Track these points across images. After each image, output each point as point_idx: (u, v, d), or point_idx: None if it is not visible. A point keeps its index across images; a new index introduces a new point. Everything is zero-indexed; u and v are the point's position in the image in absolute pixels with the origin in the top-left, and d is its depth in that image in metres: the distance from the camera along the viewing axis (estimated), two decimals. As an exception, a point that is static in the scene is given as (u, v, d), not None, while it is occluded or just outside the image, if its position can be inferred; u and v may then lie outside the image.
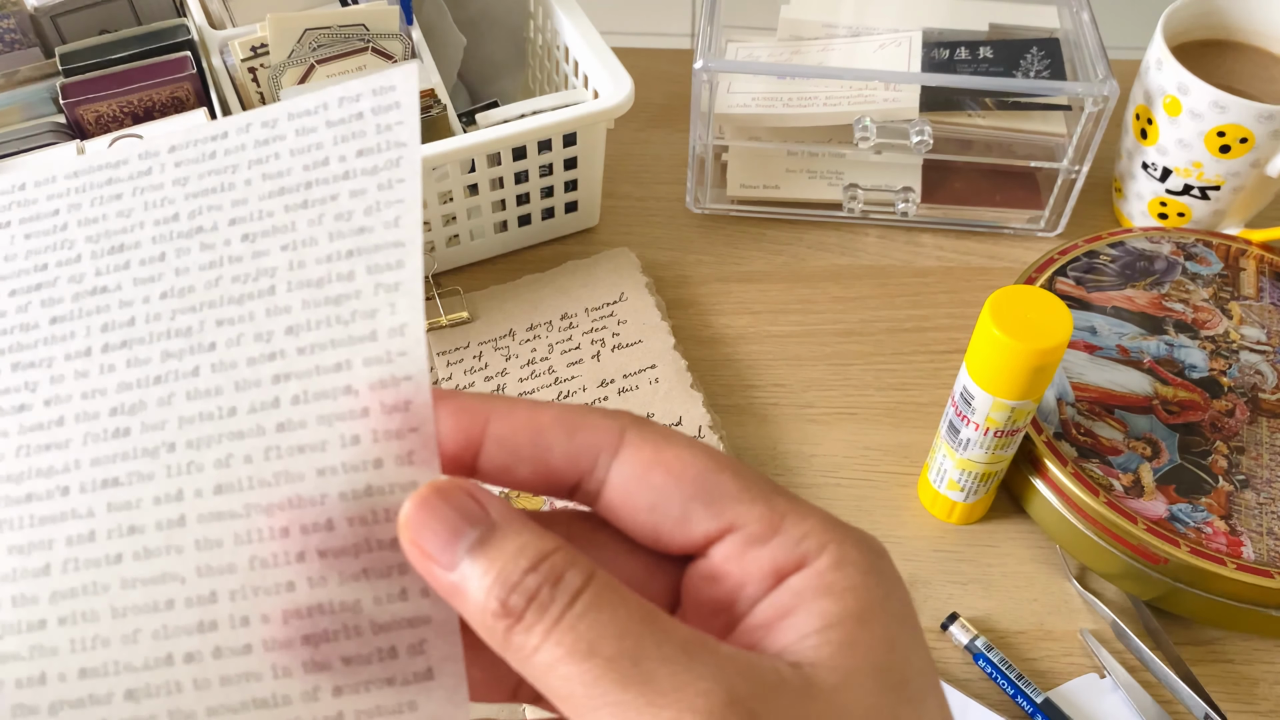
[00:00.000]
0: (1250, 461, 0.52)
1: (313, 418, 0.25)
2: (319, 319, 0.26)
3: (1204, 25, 0.67)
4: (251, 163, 0.28)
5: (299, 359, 0.25)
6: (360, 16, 0.64)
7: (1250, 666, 0.50)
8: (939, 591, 0.53)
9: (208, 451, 0.25)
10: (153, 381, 0.26)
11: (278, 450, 0.25)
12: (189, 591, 0.24)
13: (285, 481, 0.24)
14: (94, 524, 0.25)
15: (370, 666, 0.24)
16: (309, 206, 0.27)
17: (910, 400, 0.61)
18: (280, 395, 0.25)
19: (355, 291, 0.26)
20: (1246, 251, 0.62)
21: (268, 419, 0.25)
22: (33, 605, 0.25)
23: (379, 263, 0.26)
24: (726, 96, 0.68)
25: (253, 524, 0.24)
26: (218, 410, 0.25)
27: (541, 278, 0.67)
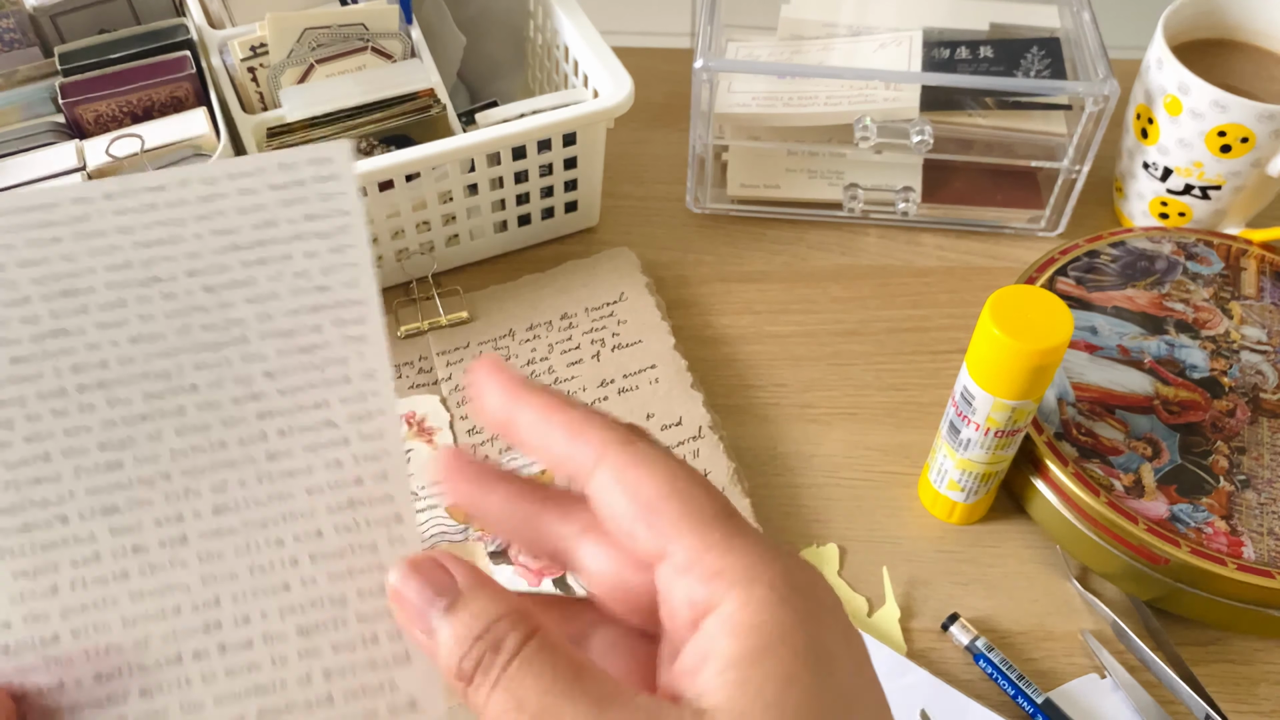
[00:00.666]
0: (1251, 462, 0.52)
1: (299, 447, 0.29)
2: (294, 365, 0.29)
3: (1204, 25, 0.67)
4: (198, 218, 0.30)
5: (281, 399, 0.29)
6: (359, 16, 0.64)
7: (1250, 666, 0.50)
8: (939, 591, 0.53)
9: (203, 479, 0.28)
10: (139, 419, 0.29)
11: (269, 475, 0.28)
12: (194, 599, 0.27)
13: (277, 500, 0.28)
14: (98, 547, 0.27)
15: (355, 652, 0.27)
16: (266, 264, 0.30)
17: (911, 400, 0.61)
18: (266, 430, 0.28)
19: (325, 342, 0.29)
20: (1247, 251, 0.62)
21: (257, 450, 0.28)
22: (44, 622, 0.27)
23: (343, 318, 0.30)
24: (727, 96, 0.68)
25: (250, 537, 0.28)
26: (208, 444, 0.28)
27: (541, 278, 0.67)
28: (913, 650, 0.51)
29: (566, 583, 0.52)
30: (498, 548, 0.53)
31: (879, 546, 0.55)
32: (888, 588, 0.53)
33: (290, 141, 0.60)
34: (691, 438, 0.57)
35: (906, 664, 0.49)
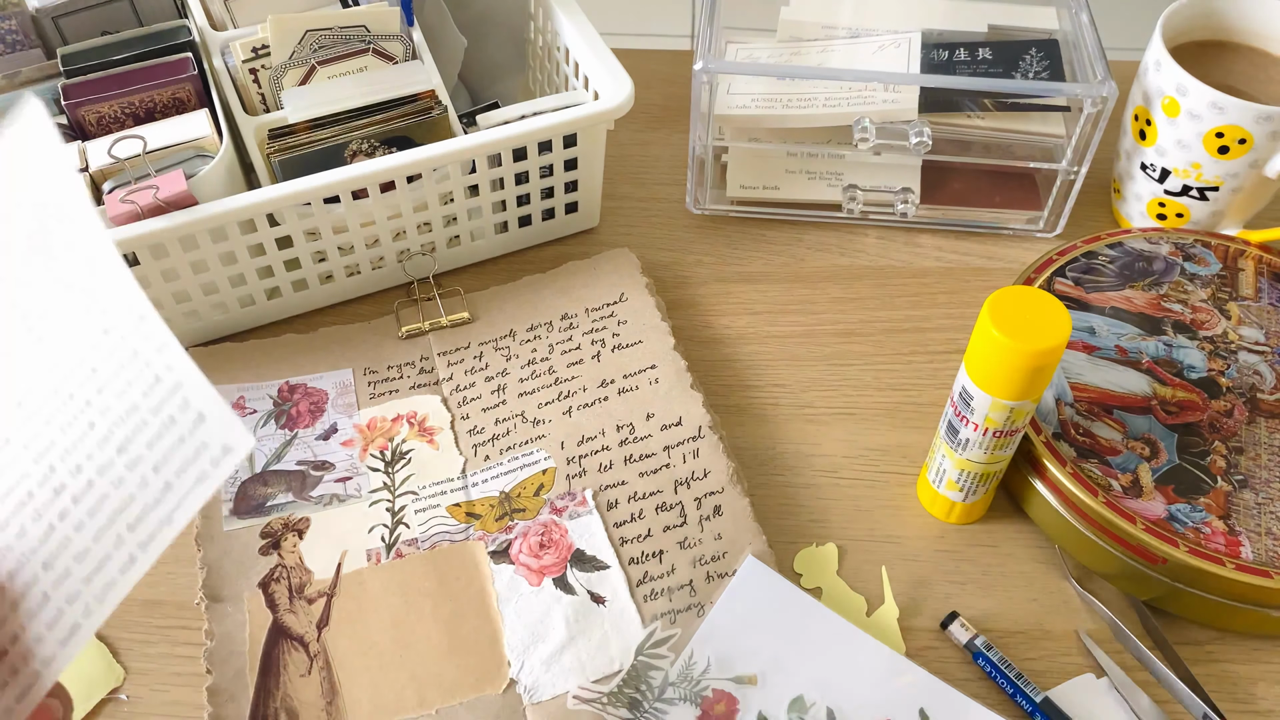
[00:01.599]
0: (1249, 462, 0.52)
1: (56, 316, 0.33)
2: (35, 269, 0.34)
3: (1203, 26, 0.67)
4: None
5: (30, 293, 0.34)
6: (361, 18, 0.64)
7: (1249, 666, 0.51)
8: (938, 591, 0.53)
9: (4, 394, 0.34)
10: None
11: (44, 355, 0.33)
12: (35, 478, 0.33)
13: (56, 368, 0.33)
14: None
15: (164, 439, 0.32)
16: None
17: (909, 400, 0.61)
18: (31, 324, 0.34)
19: (56, 244, 0.34)
20: (1245, 252, 0.62)
21: (29, 341, 0.34)
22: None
23: (60, 206, 0.34)
24: (726, 97, 0.68)
25: (48, 408, 0.33)
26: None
27: (542, 278, 0.67)
28: (911, 649, 0.51)
29: (567, 582, 0.52)
30: (498, 547, 0.53)
31: (878, 546, 0.55)
32: (886, 587, 0.53)
33: (292, 143, 0.60)
34: (691, 438, 0.57)
35: (905, 663, 0.49)
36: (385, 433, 0.59)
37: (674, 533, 0.54)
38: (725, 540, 0.53)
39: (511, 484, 0.56)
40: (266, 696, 0.49)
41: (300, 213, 0.60)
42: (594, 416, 0.59)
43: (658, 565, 0.53)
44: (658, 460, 0.57)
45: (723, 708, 0.48)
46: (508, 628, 0.50)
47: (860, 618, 0.52)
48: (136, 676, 0.50)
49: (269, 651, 0.50)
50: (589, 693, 0.48)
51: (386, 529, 0.54)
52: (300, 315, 0.66)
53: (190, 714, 0.49)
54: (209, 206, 0.56)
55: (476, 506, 0.55)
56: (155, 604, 0.52)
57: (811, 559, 0.54)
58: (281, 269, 0.62)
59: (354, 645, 0.50)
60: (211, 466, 0.31)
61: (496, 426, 0.59)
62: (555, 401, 0.60)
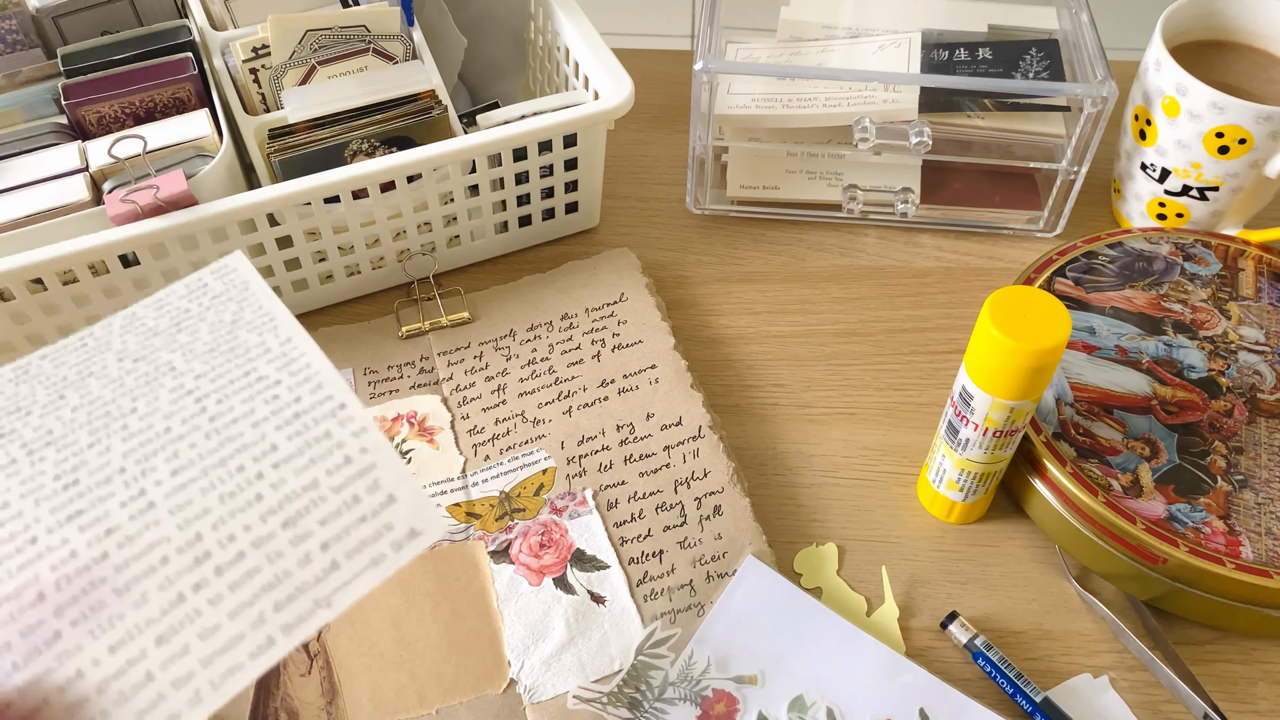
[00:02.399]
0: (1249, 461, 0.52)
1: (237, 401, 0.33)
2: (216, 362, 0.34)
3: (1203, 26, 0.67)
4: (122, 332, 0.36)
5: (211, 384, 0.33)
6: (361, 18, 0.64)
7: (1249, 666, 0.51)
8: (938, 591, 0.53)
9: (155, 459, 0.31)
10: (86, 447, 0.32)
11: (215, 431, 0.32)
12: (176, 544, 0.30)
13: (228, 443, 0.32)
14: (72, 545, 0.30)
15: (342, 518, 0.30)
16: (182, 330, 0.35)
17: (909, 400, 0.62)
18: (205, 405, 0.33)
19: (243, 340, 0.35)
20: (1245, 252, 0.62)
21: (201, 420, 0.32)
22: (40, 629, 0.29)
23: (255, 323, 0.35)
24: (726, 97, 0.68)
25: (212, 476, 0.31)
26: (154, 435, 0.32)
27: (542, 278, 0.67)
28: (911, 649, 0.51)
29: (567, 582, 0.52)
30: (498, 547, 0.53)
31: (878, 546, 0.55)
32: (886, 587, 0.53)
33: (292, 143, 0.60)
34: (691, 438, 0.57)
35: (905, 663, 0.49)
36: (385, 432, 0.59)
37: (674, 532, 0.54)
38: (725, 540, 0.53)
39: (511, 484, 0.56)
40: (266, 696, 0.49)
41: (300, 213, 0.60)
42: (594, 416, 0.59)
43: (658, 565, 0.53)
44: (658, 460, 0.57)
45: (723, 708, 0.48)
46: (508, 628, 0.50)
47: (860, 618, 0.52)
48: (136, 676, 0.50)
49: (269, 651, 0.50)
50: (589, 692, 0.48)
51: (386, 529, 0.54)
52: (300, 315, 0.66)
53: (190, 714, 0.49)
54: (209, 206, 0.56)
55: (476, 506, 0.55)
56: (155, 604, 0.52)
57: (811, 559, 0.54)
58: (281, 269, 0.62)
59: (354, 645, 0.50)
60: (392, 550, 0.29)
61: (496, 426, 0.59)
62: (555, 401, 0.60)
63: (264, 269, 0.62)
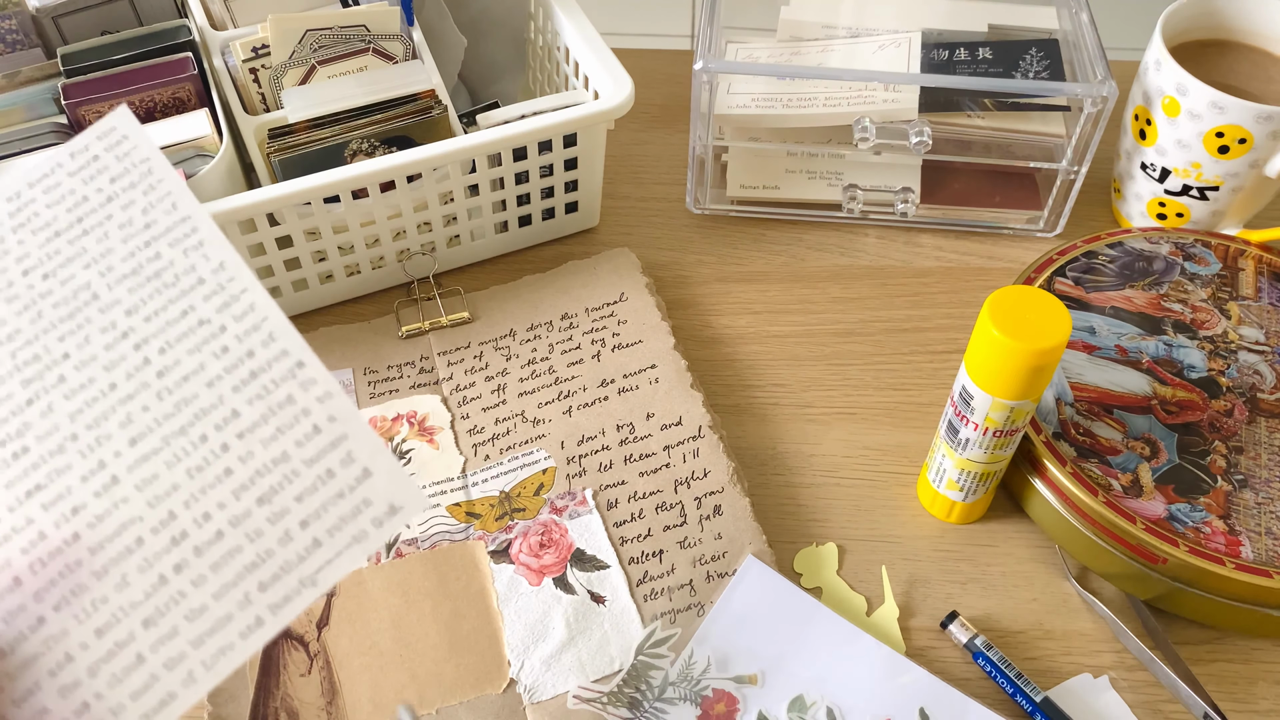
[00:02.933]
0: (1249, 461, 0.52)
1: (184, 353, 0.30)
2: (149, 293, 0.31)
3: (1203, 26, 0.67)
4: (13, 228, 0.33)
5: (148, 325, 0.31)
6: (361, 17, 0.64)
7: (1249, 666, 0.51)
8: (938, 591, 0.53)
9: (107, 424, 0.30)
10: (24, 405, 0.31)
11: (167, 389, 0.30)
12: (149, 524, 0.29)
13: (185, 405, 0.30)
14: (39, 526, 0.29)
15: (318, 493, 0.29)
16: (89, 233, 0.33)
17: (909, 400, 0.62)
18: (148, 355, 0.31)
19: (169, 261, 0.32)
20: (1245, 252, 0.62)
21: (146, 374, 0.30)
22: (22, 615, 0.29)
23: (177, 237, 0.32)
24: (726, 97, 0.68)
25: (174, 447, 0.29)
26: (99, 392, 0.30)
27: (542, 278, 0.67)
28: (911, 649, 0.51)
29: (567, 581, 0.52)
30: (498, 547, 0.53)
31: (878, 546, 0.55)
32: (886, 587, 0.53)
33: (292, 142, 0.60)
34: (691, 437, 0.57)
35: (905, 662, 0.49)
36: (385, 432, 0.59)
37: (674, 532, 0.54)
38: (725, 540, 0.53)
39: (511, 483, 0.56)
40: (266, 696, 0.49)
41: (300, 212, 0.60)
42: (594, 416, 0.59)
43: (658, 565, 0.53)
44: (658, 460, 0.57)
45: (723, 707, 0.48)
46: (508, 627, 0.50)
47: (860, 618, 0.52)
48: (136, 676, 0.50)
49: (269, 651, 0.50)
50: (589, 692, 0.48)
51: None
52: (300, 315, 0.66)
53: (190, 714, 0.49)
54: (209, 206, 0.56)
55: (476, 506, 0.55)
56: (155, 604, 0.52)
57: (811, 559, 0.54)
58: (281, 269, 0.62)
59: (354, 645, 0.50)
60: (373, 526, 0.28)
61: (496, 426, 0.59)
62: (555, 401, 0.60)
63: (264, 269, 0.62)
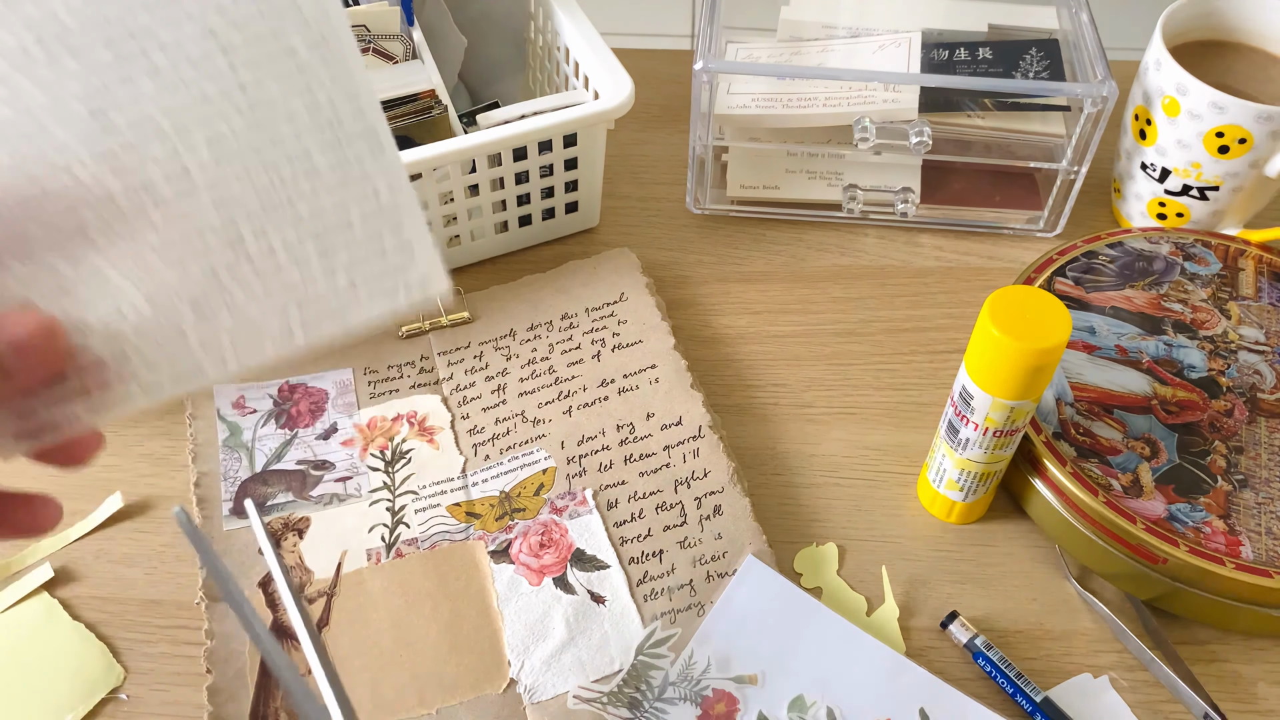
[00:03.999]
0: (1249, 461, 0.52)
1: (268, 78, 0.31)
2: (241, 3, 0.31)
3: (1203, 26, 0.67)
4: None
5: (236, 33, 0.31)
6: (361, 17, 0.64)
7: (1249, 666, 0.51)
8: (938, 590, 0.53)
9: (188, 121, 0.30)
10: (108, 69, 0.30)
11: (252, 111, 0.31)
12: (211, 223, 0.31)
13: (265, 134, 0.31)
14: (109, 188, 0.30)
15: (365, 248, 0.31)
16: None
17: (910, 400, 0.61)
18: (237, 71, 0.31)
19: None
20: (1245, 252, 0.62)
21: (233, 91, 0.31)
22: (85, 261, 0.30)
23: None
24: (726, 97, 0.68)
25: (251, 169, 0.31)
26: (185, 89, 0.30)
27: (542, 278, 0.67)
28: (911, 649, 0.51)
29: (567, 581, 0.52)
30: (498, 547, 0.53)
31: (878, 546, 0.55)
32: (886, 587, 0.53)
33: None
34: (691, 437, 0.57)
35: (905, 662, 0.49)
36: (385, 432, 0.59)
37: (674, 532, 0.54)
38: (725, 540, 0.53)
39: (511, 483, 0.56)
40: (266, 696, 0.49)
41: (300, 212, 0.60)
42: (594, 416, 0.59)
43: (658, 565, 0.53)
44: (658, 460, 0.57)
45: (723, 707, 0.48)
46: (508, 627, 0.50)
47: (860, 618, 0.52)
48: (137, 676, 0.50)
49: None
50: (589, 692, 0.48)
51: (387, 529, 0.54)
52: (300, 315, 0.66)
53: (190, 714, 0.49)
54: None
55: (476, 506, 0.55)
56: (155, 604, 0.52)
57: (811, 559, 0.54)
58: (281, 269, 0.62)
59: (354, 645, 0.50)
60: (404, 291, 0.31)
61: (496, 426, 0.59)
62: (555, 401, 0.60)
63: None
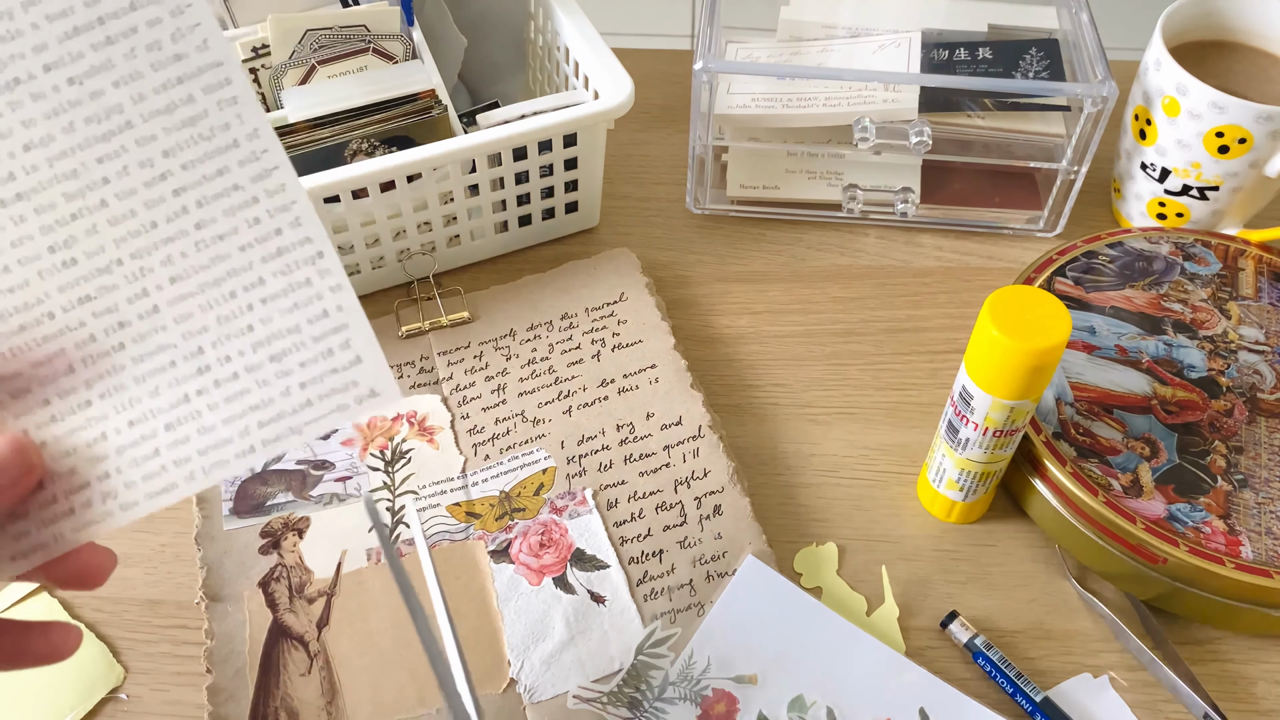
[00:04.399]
0: (1249, 461, 0.52)
1: (219, 213, 0.34)
2: (185, 139, 0.33)
3: (1203, 26, 0.67)
4: (25, 5, 0.32)
5: (186, 174, 0.33)
6: (361, 17, 0.64)
7: (1249, 666, 0.51)
8: (938, 590, 0.53)
9: (150, 259, 0.34)
10: (70, 219, 0.33)
11: (204, 241, 0.34)
12: (181, 352, 0.34)
13: (219, 261, 0.34)
14: (90, 330, 0.34)
15: (319, 364, 0.34)
16: (114, 43, 0.32)
17: (909, 400, 0.61)
18: (185, 203, 0.34)
19: (204, 110, 0.33)
20: (1245, 252, 0.62)
21: (185, 223, 0.34)
22: (72, 396, 0.34)
23: (209, 83, 0.33)
24: (726, 97, 0.68)
25: (209, 295, 0.34)
26: (141, 227, 0.34)
27: (542, 278, 0.67)
28: (911, 649, 0.51)
29: (567, 581, 0.52)
30: (498, 547, 0.53)
31: (878, 545, 0.55)
32: (886, 587, 0.53)
33: (292, 142, 0.60)
34: (691, 437, 0.57)
35: (905, 662, 0.49)
36: (385, 432, 0.59)
37: (674, 532, 0.54)
38: (725, 540, 0.53)
39: (511, 483, 0.56)
40: (266, 696, 0.49)
41: (300, 212, 0.60)
42: (594, 416, 0.59)
43: (658, 565, 0.53)
44: (658, 460, 0.57)
45: (723, 707, 0.48)
46: (508, 627, 0.50)
47: (860, 617, 0.52)
48: (136, 676, 0.50)
49: (269, 651, 0.50)
50: (589, 692, 0.48)
51: (386, 529, 0.54)
52: (300, 315, 0.66)
53: (190, 713, 0.49)
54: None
55: (476, 506, 0.55)
56: (155, 603, 0.52)
57: (811, 559, 0.54)
58: (281, 269, 0.62)
59: (354, 644, 0.50)
60: (355, 403, 0.34)
61: (496, 426, 0.59)
62: (555, 401, 0.60)
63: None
